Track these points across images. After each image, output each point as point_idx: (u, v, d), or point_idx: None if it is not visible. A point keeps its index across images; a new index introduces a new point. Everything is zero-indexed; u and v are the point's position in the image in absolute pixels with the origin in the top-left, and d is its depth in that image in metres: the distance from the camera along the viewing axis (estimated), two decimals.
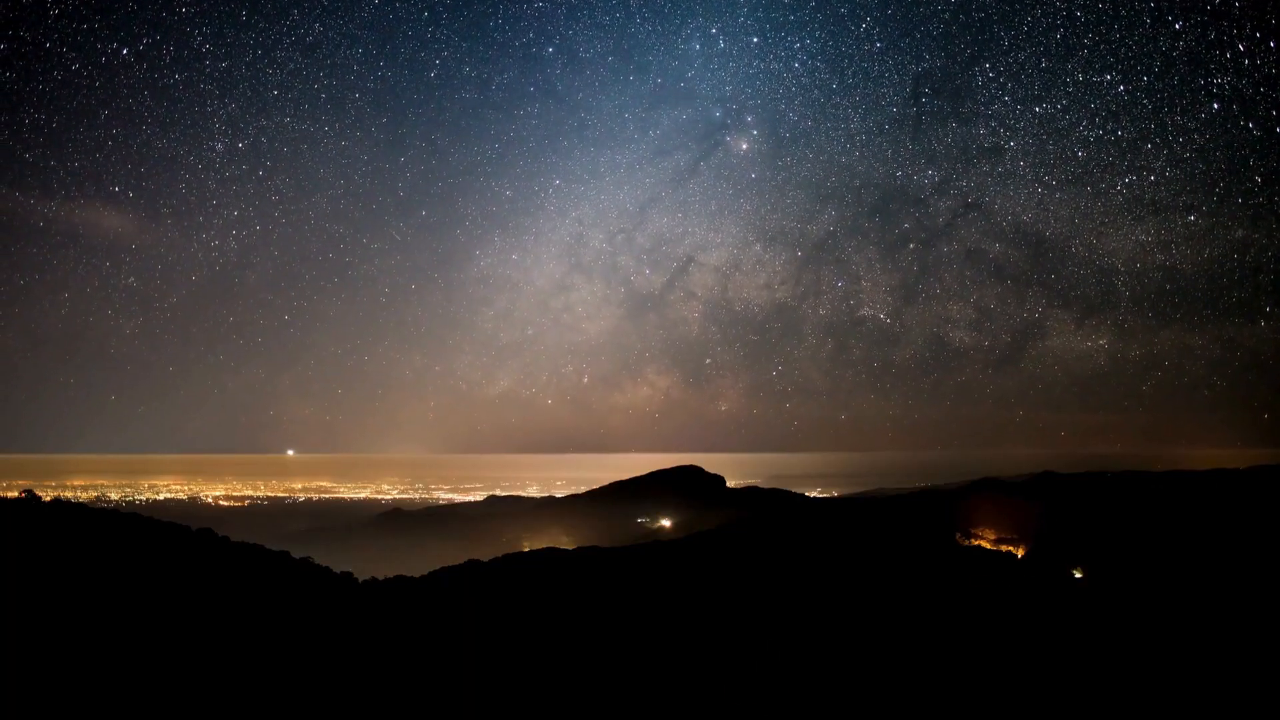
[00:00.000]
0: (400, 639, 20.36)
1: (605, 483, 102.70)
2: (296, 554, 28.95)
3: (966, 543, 53.75)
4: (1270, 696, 20.22)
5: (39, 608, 17.28)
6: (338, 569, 28.61)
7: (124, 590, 19.36)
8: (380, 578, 29.53)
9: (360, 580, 28.10)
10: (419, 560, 50.27)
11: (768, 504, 79.76)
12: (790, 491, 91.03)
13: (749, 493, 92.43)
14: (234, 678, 15.83)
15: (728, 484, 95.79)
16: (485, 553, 41.61)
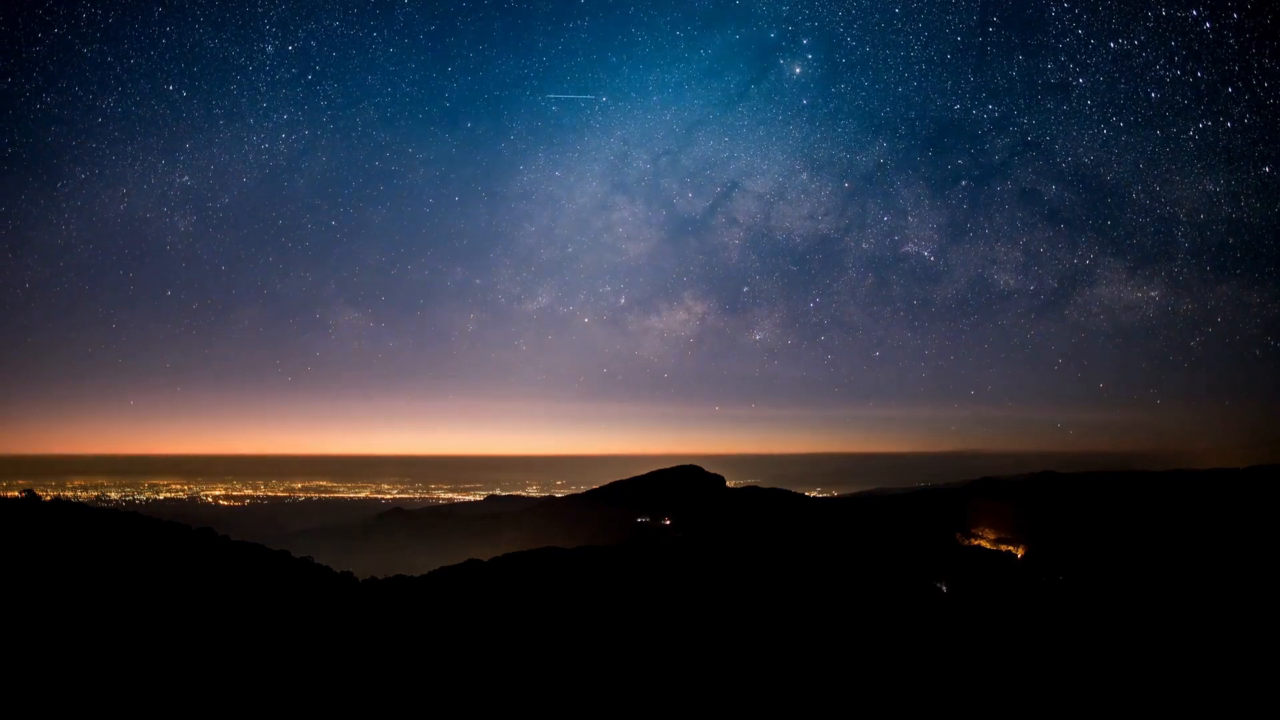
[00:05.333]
0: (400, 639, 20.37)
1: (605, 483, 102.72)
2: (296, 554, 28.98)
3: (966, 543, 53.79)
4: (1267, 692, 20.22)
5: (40, 607, 17.29)
6: (338, 569, 28.64)
7: (125, 589, 19.37)
8: (380, 578, 29.56)
9: (360, 580, 28.12)
10: (419, 560, 50.28)
11: (768, 504, 79.77)
12: (790, 491, 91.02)
13: (749, 492, 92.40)
14: (235, 676, 15.84)
15: (728, 484, 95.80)
16: (485, 553, 41.63)
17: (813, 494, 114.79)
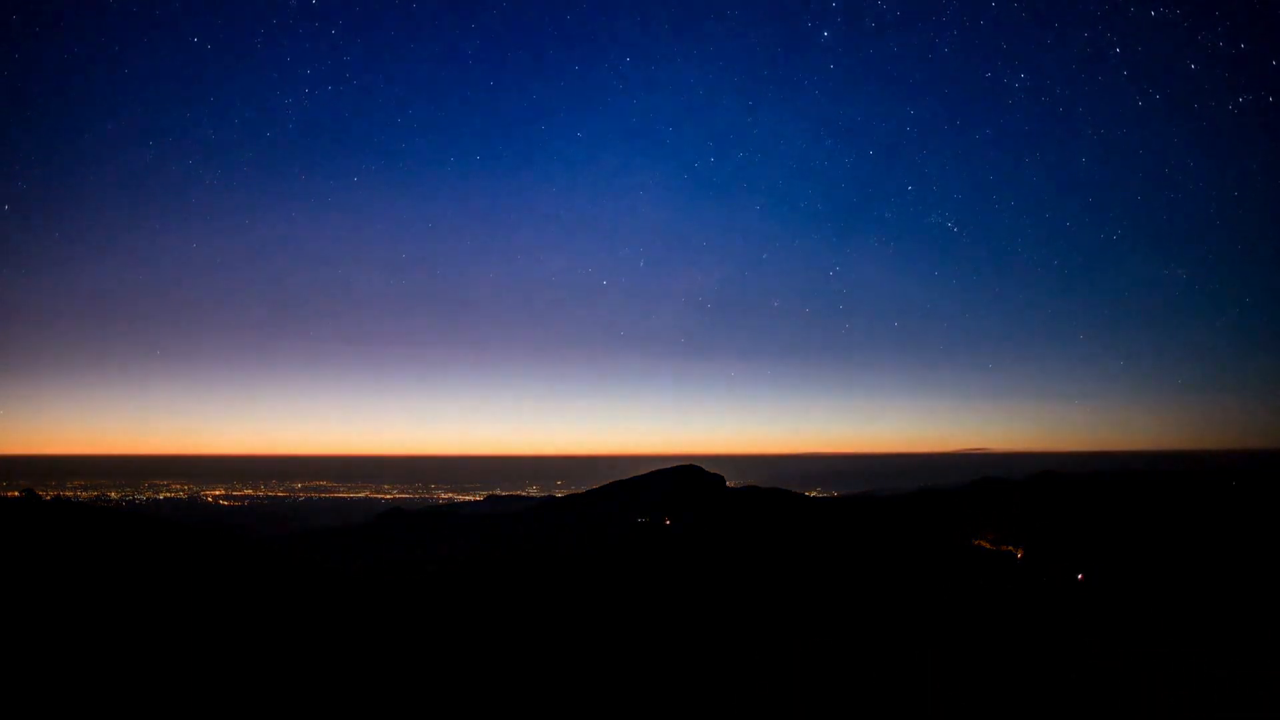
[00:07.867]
0: (400, 639, 20.34)
1: (605, 482, 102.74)
2: (296, 554, 28.97)
3: (967, 543, 53.76)
4: (1265, 693, 20.18)
5: (39, 605, 17.27)
6: (338, 569, 28.64)
7: (124, 588, 19.34)
8: (380, 578, 29.55)
9: (360, 581, 28.11)
10: (419, 561, 50.21)
11: (767, 504, 79.71)
12: (790, 491, 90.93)
13: (749, 493, 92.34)
14: (235, 675, 15.81)
15: (727, 484, 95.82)
16: (485, 553, 41.64)
17: (812, 494, 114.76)
